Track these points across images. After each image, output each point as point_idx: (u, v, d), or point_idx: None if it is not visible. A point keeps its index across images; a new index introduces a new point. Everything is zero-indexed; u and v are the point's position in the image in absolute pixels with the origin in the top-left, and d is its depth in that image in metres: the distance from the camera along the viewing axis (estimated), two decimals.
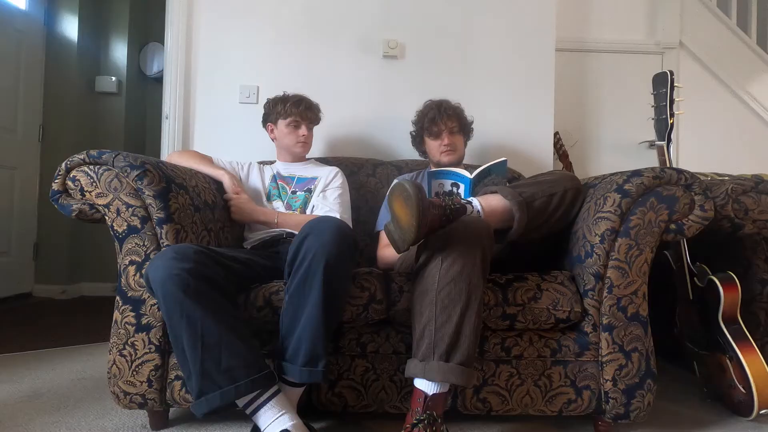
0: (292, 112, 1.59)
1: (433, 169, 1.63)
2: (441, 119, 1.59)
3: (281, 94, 1.65)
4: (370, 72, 2.04)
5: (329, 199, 1.54)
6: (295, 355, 1.01)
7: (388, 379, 1.14)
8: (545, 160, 2.07)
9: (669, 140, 1.37)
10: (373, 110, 2.04)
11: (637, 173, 1.13)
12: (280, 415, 0.97)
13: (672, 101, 1.37)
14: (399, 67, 2.05)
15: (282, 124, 1.61)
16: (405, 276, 1.17)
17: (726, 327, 1.26)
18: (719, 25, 2.65)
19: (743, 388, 1.22)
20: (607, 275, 1.12)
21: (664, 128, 1.38)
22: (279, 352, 1.05)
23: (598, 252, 1.11)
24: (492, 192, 1.13)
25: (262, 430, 0.97)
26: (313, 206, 1.54)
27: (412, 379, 1.00)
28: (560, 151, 2.30)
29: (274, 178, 1.61)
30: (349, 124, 2.04)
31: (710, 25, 2.65)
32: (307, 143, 1.63)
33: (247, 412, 0.99)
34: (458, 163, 1.64)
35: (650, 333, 1.13)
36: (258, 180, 1.60)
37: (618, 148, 2.60)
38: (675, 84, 1.37)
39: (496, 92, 2.06)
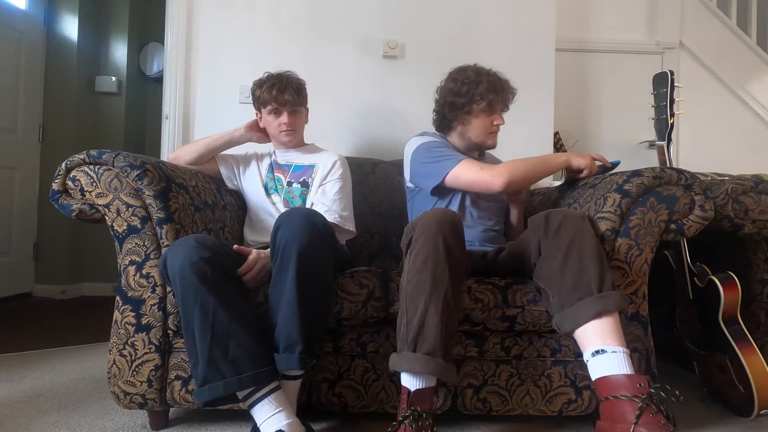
0: (269, 98, 1.43)
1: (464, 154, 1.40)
2: (503, 95, 1.39)
3: (264, 75, 1.50)
4: (370, 72, 2.04)
5: (329, 194, 1.42)
6: (278, 343, 1.01)
7: (388, 379, 1.14)
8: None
9: (669, 140, 1.37)
10: (373, 110, 2.04)
11: (637, 173, 1.13)
12: (277, 412, 0.97)
13: (672, 101, 1.37)
14: (399, 67, 2.05)
15: (264, 112, 1.47)
16: None
17: (726, 327, 1.26)
18: (719, 25, 2.65)
19: (743, 388, 1.22)
20: None
21: (664, 128, 1.38)
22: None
23: None
24: None
25: (258, 424, 0.97)
26: (312, 204, 1.44)
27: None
28: (560, 152, 2.30)
29: (271, 167, 1.52)
30: (348, 124, 2.04)
31: (710, 25, 2.65)
32: (292, 130, 1.46)
33: (246, 404, 0.99)
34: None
35: (650, 333, 1.13)
36: (255, 172, 1.51)
37: (618, 148, 2.59)
38: (675, 84, 1.37)
39: None
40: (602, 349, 0.93)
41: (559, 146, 2.30)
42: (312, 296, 1.02)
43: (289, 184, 1.48)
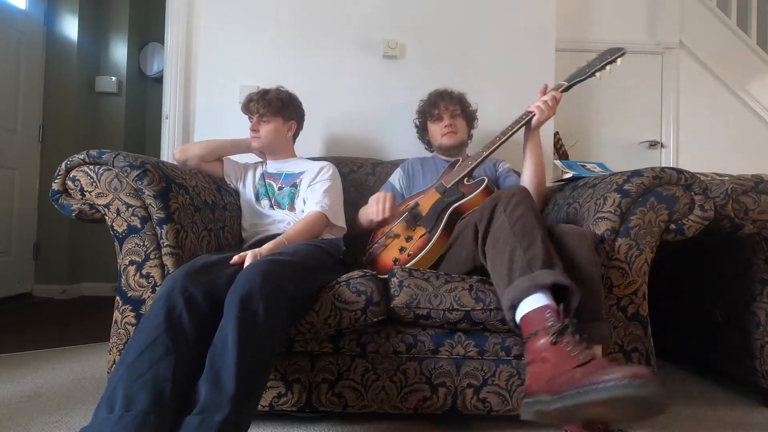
0: (246, 111, 1.60)
1: (440, 156, 1.72)
2: (442, 102, 1.67)
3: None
4: (370, 72, 2.04)
5: (318, 191, 1.48)
6: (198, 396, 0.82)
7: (388, 379, 1.14)
8: (545, 159, 2.07)
9: None
10: (373, 110, 2.04)
11: (637, 173, 1.13)
12: None
13: None
14: (399, 67, 2.05)
15: None
16: (408, 271, 1.15)
17: None
18: (719, 25, 2.66)
19: None
20: (607, 275, 1.12)
21: None
22: None
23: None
24: None
25: None
26: (304, 200, 1.49)
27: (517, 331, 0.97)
28: (560, 151, 2.30)
29: (262, 176, 1.60)
30: (349, 124, 2.04)
31: (710, 25, 2.65)
32: (257, 138, 1.57)
33: None
34: (460, 147, 1.68)
35: (650, 333, 1.13)
36: (250, 180, 1.60)
37: (618, 148, 2.60)
38: None
39: (496, 92, 2.06)
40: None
41: (559, 146, 2.30)
42: (253, 347, 0.87)
43: (280, 189, 1.55)
